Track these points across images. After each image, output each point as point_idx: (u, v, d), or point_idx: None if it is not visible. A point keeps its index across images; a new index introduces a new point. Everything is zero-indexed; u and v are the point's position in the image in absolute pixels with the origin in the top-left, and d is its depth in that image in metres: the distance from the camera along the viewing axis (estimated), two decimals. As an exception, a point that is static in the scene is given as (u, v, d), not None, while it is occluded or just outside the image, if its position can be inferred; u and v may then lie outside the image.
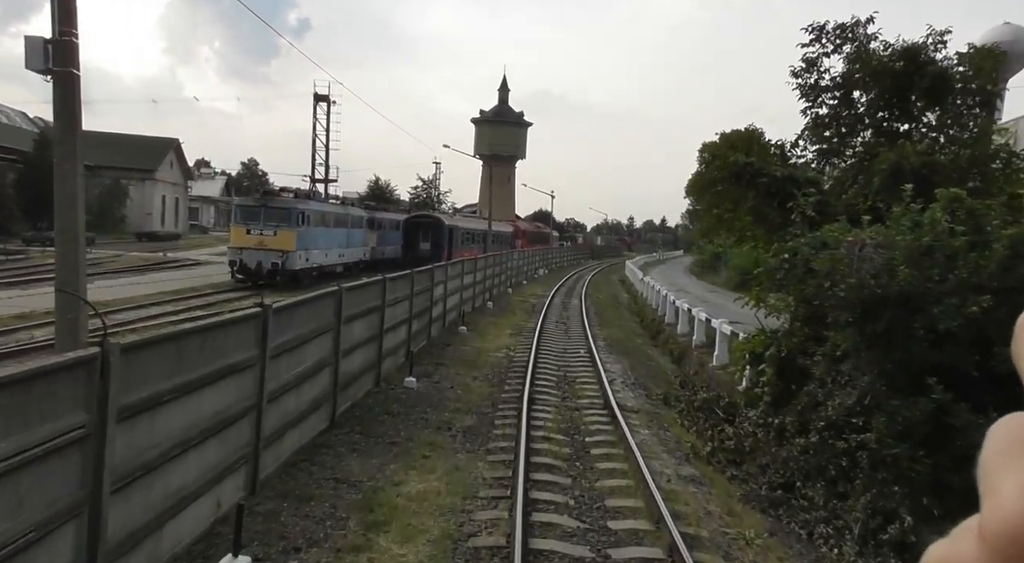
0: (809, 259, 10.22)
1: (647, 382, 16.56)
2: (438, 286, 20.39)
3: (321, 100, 46.33)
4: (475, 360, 17.22)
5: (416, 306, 17.30)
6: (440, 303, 20.99)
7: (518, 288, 38.30)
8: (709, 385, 16.42)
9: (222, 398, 7.41)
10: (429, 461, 9.87)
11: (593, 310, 30.22)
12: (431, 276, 19.11)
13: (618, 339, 22.97)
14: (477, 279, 27.64)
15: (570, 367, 17.35)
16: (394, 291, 14.91)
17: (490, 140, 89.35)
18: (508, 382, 15.14)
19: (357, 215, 39.67)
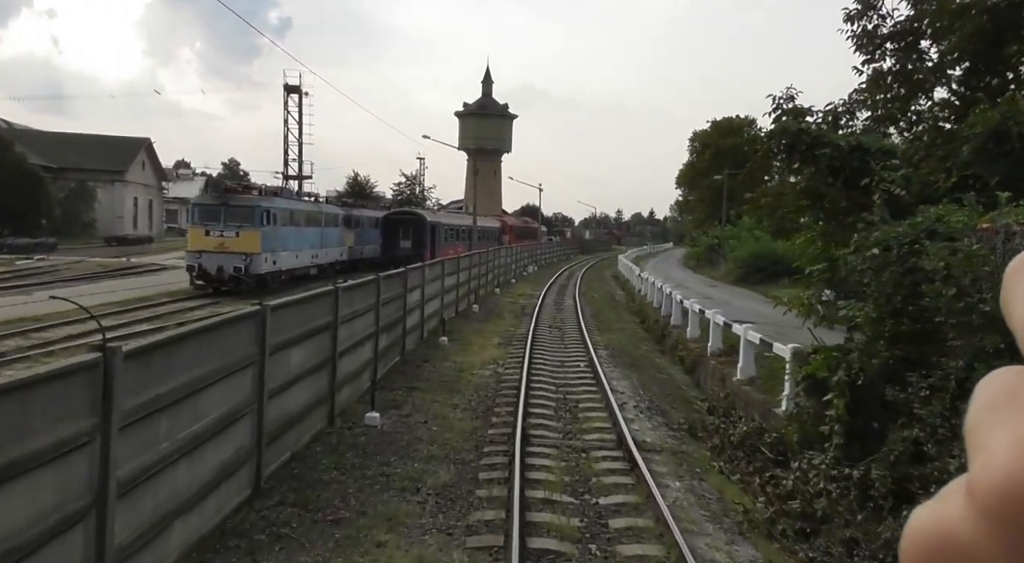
0: (911, 255, 7.30)
1: (663, 403, 13.63)
2: (413, 292, 17.40)
3: (292, 92, 43.12)
4: (456, 381, 14.25)
5: (385, 317, 14.32)
6: (417, 311, 18.01)
7: (507, 288, 35.35)
8: (736, 405, 13.53)
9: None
10: (384, 552, 6.91)
11: (589, 311, 27.30)
12: (404, 281, 16.12)
13: (621, 346, 20.05)
14: (461, 280, 24.67)
15: (570, 386, 14.41)
16: (352, 303, 11.92)
17: (475, 133, 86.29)
18: (496, 411, 12.19)
19: (332, 213, 36.55)
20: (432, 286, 19.99)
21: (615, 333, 22.70)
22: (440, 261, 21.46)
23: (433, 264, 20.33)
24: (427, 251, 37.86)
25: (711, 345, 18.04)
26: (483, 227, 50.72)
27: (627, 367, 16.79)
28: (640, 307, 30.51)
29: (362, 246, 41.03)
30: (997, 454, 0.29)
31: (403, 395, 12.83)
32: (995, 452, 0.29)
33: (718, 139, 70.90)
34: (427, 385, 13.71)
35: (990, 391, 0.33)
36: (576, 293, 33.60)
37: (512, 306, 27.80)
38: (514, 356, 17.16)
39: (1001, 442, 0.29)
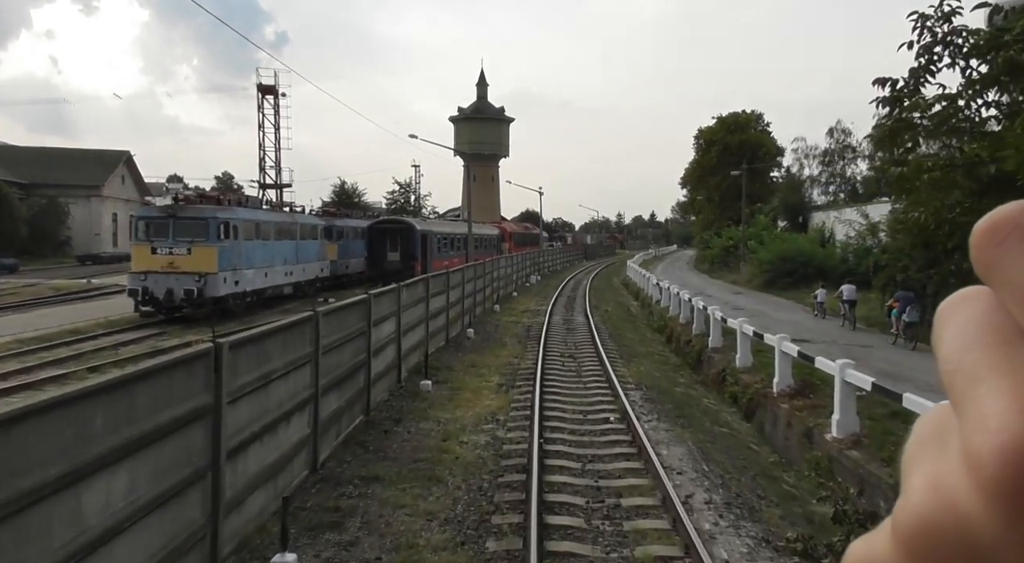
0: None
1: (744, 490, 9.02)
2: (383, 324, 12.88)
3: (267, 93, 38.66)
4: (437, 460, 9.68)
5: (332, 370, 9.82)
6: (391, 347, 13.49)
7: (508, 302, 30.80)
8: (864, 491, 8.98)
9: None
10: None
11: (606, 330, 22.74)
12: (366, 313, 11.59)
13: (654, 381, 15.49)
14: (452, 299, 20.15)
15: (601, 461, 9.84)
16: (261, 362, 7.39)
17: (470, 138, 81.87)
18: (495, 524, 7.66)
19: (309, 223, 32.05)
20: (412, 312, 15.46)
21: (643, 361, 18.14)
22: (423, 280, 16.91)
23: (413, 284, 15.79)
24: (417, 264, 33.38)
25: (778, 382, 13.47)
26: (480, 235, 46.22)
27: (672, 418, 12.20)
28: (662, 321, 25.96)
29: (347, 260, 36.56)
30: (912, 491, 0.30)
31: (353, 497, 8.26)
32: (911, 490, 0.30)
33: (725, 136, 66.30)
34: (393, 472, 9.12)
35: (923, 427, 0.33)
36: (587, 307, 29.05)
37: (514, 327, 23.24)
38: (519, 407, 12.60)
39: (918, 482, 0.30)
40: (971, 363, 0.29)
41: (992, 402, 0.28)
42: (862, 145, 59.73)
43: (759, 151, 67.41)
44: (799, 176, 60.68)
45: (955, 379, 0.30)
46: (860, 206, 35.60)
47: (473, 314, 24.02)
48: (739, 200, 65.16)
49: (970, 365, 0.29)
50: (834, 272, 32.56)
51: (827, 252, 35.62)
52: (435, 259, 35.31)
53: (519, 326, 23.48)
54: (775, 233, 45.68)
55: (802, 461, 10.83)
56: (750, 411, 14.11)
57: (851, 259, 33.68)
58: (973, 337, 0.30)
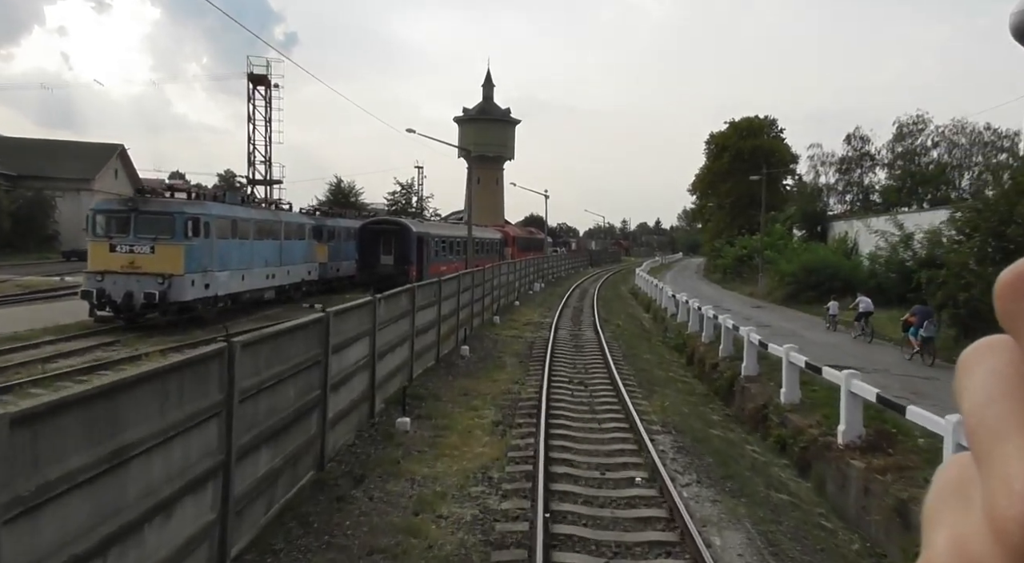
0: None
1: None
2: (350, 348, 10.07)
3: (258, 83, 35.90)
4: (402, 552, 6.85)
5: (260, 421, 7.01)
6: (357, 379, 10.67)
7: (509, 313, 27.97)
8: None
9: None
10: None
11: (619, 349, 19.90)
12: (321, 338, 8.77)
13: (684, 420, 12.62)
14: (445, 312, 17.34)
15: (633, 555, 7.03)
16: (151, 414, 4.57)
17: (475, 140, 79.10)
18: None
19: (296, 222, 29.26)
20: (394, 330, 12.65)
21: (665, 390, 15.30)
22: (408, 291, 14.04)
23: (395, 296, 12.93)
24: (413, 268, 30.56)
25: (845, 431, 10.61)
26: (482, 239, 43.40)
27: (716, 480, 9.33)
28: (680, 339, 23.09)
29: (338, 262, 33.76)
30: (936, 553, 0.29)
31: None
32: (936, 550, 0.29)
33: (738, 141, 63.45)
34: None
35: (943, 479, 0.32)
36: (596, 319, 26.21)
37: (515, 343, 20.40)
38: (518, 459, 9.75)
39: (942, 541, 0.29)
40: (994, 418, 0.28)
41: (1017, 463, 0.26)
42: (881, 153, 56.94)
43: (772, 157, 64.61)
44: (815, 184, 57.75)
45: (978, 434, 0.29)
46: (893, 214, 32.72)
47: (470, 327, 21.20)
48: (751, 208, 62.25)
49: (993, 420, 0.28)
50: (863, 286, 29.75)
51: (853, 264, 32.77)
52: (432, 263, 32.51)
53: (521, 342, 20.65)
54: (796, 243, 42.85)
55: (896, 549, 7.99)
56: (804, 462, 11.26)
57: (881, 271, 30.89)
58: (997, 390, 0.29)
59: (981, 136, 55.43)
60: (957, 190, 54.12)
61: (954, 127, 55.08)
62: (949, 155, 56.00)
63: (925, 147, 56.23)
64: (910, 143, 56.06)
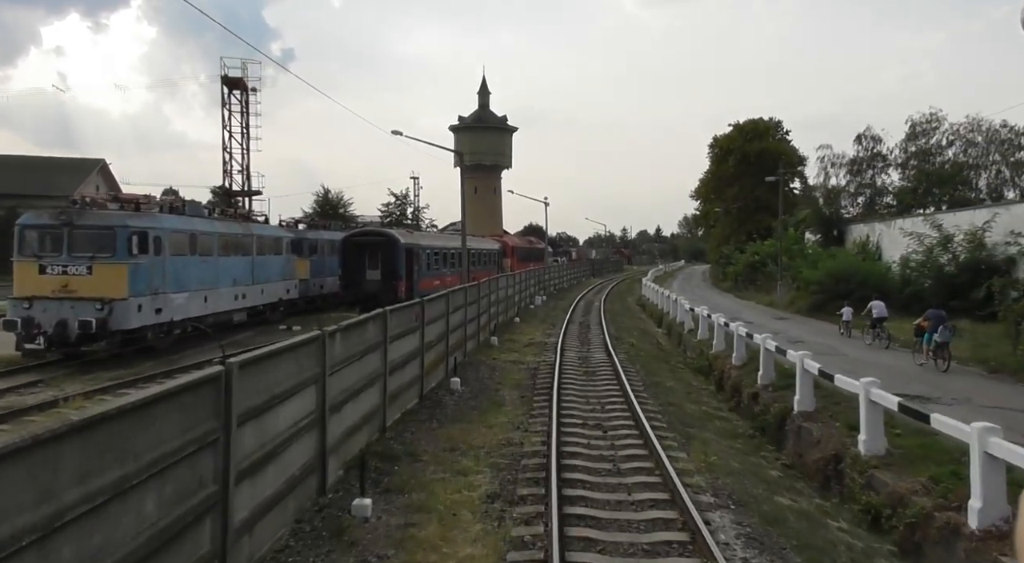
0: None
1: None
2: (277, 409, 6.96)
3: (233, 87, 32.89)
4: None
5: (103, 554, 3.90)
6: (296, 448, 7.55)
7: (508, 332, 24.86)
8: None
9: None
10: None
11: (638, 377, 16.78)
12: (217, 406, 5.69)
13: (739, 483, 9.47)
14: (431, 338, 14.23)
15: None
16: None
17: (471, 148, 76.24)
18: None
19: (271, 236, 26.21)
20: (352, 372, 9.54)
21: (704, 433, 12.17)
22: (379, 317, 10.91)
23: (356, 327, 9.80)
24: (402, 283, 27.52)
25: (980, 508, 7.48)
26: (479, 250, 40.36)
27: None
28: (705, 359, 19.98)
29: (322, 278, 30.71)
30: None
31: None
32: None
33: (743, 144, 60.47)
34: None
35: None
36: (606, 337, 23.11)
37: (516, 371, 17.28)
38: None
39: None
40: None
41: None
42: (894, 153, 53.98)
43: (779, 160, 61.70)
44: (825, 185, 54.73)
45: None
46: (927, 215, 29.68)
47: (462, 352, 18.11)
48: (758, 212, 59.32)
49: None
50: (899, 294, 26.72)
51: (880, 270, 29.72)
52: (423, 278, 29.45)
53: (522, 369, 17.54)
54: (812, 248, 39.84)
55: None
56: (912, 547, 8.14)
57: (914, 277, 27.84)
58: None
59: (998, 134, 52.34)
60: (974, 190, 51.14)
61: (969, 125, 52.07)
62: (965, 154, 53.03)
63: (940, 146, 53.26)
64: (924, 142, 53.10)
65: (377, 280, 27.17)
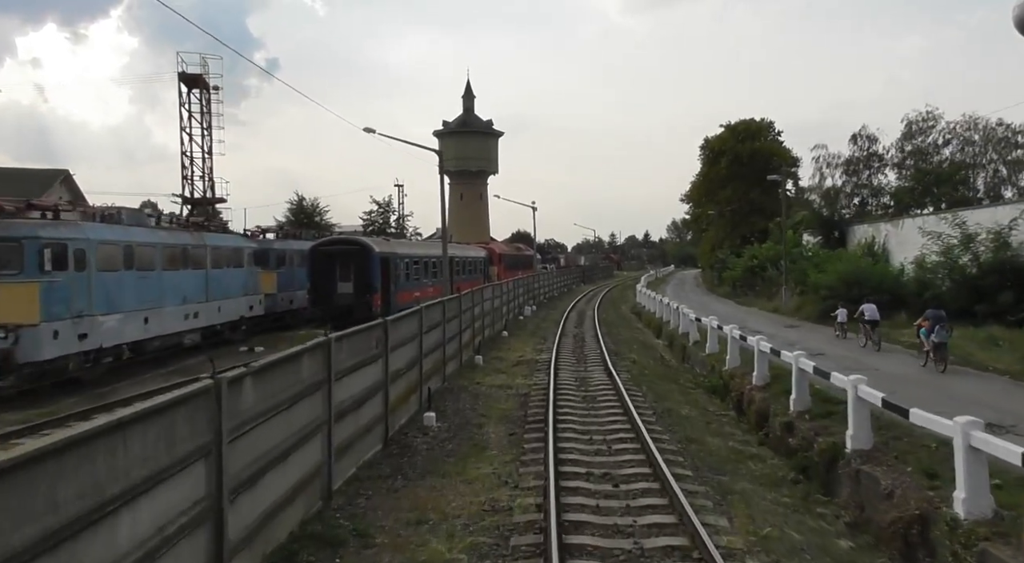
0: None
1: None
2: (122, 510, 4.27)
3: (192, 84, 30.06)
4: None
5: None
6: (167, 557, 4.84)
7: (495, 348, 22.18)
8: None
9: None
10: None
11: (647, 404, 14.13)
12: None
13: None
14: (398, 367, 11.55)
15: None
16: None
17: (456, 153, 73.75)
18: None
19: (229, 246, 23.44)
20: (271, 431, 6.84)
21: (740, 480, 9.56)
22: (316, 351, 8.23)
23: (279, 367, 7.13)
24: (376, 296, 24.80)
25: None
26: (464, 258, 37.69)
27: None
28: (719, 378, 17.40)
29: (291, 292, 27.93)
30: None
31: None
32: None
33: (735, 145, 58.20)
34: None
35: None
36: (604, 352, 20.46)
37: (502, 400, 14.58)
38: None
39: None
40: None
41: None
42: (890, 152, 51.87)
43: (772, 161, 59.51)
44: (821, 186, 52.55)
45: None
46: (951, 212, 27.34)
47: (441, 377, 15.44)
48: (752, 215, 57.05)
49: None
50: (916, 298, 24.34)
51: (892, 273, 27.35)
52: (402, 290, 26.75)
53: (510, 396, 14.86)
54: (813, 249, 37.52)
55: None
56: None
57: (932, 279, 25.44)
58: None
59: (995, 132, 50.34)
60: (971, 190, 49.16)
61: (966, 123, 50.06)
62: (961, 152, 51.03)
63: (936, 145, 51.24)
64: (921, 141, 51.08)
65: (349, 293, 24.44)
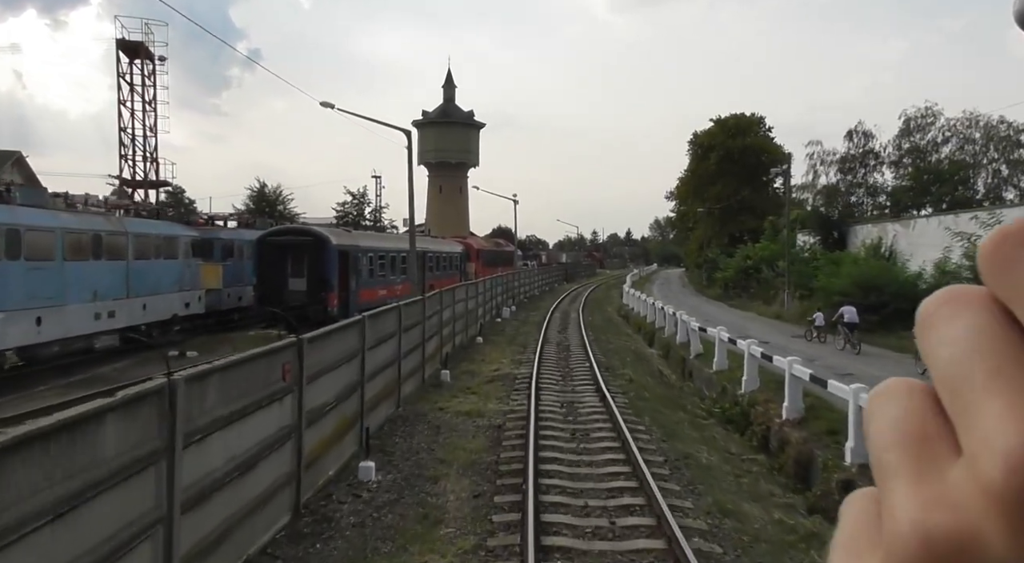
0: None
1: None
2: None
3: (133, 54, 26.30)
4: None
5: None
6: None
7: (466, 359, 18.84)
8: None
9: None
10: None
11: (657, 449, 10.89)
12: None
13: None
14: (324, 400, 8.28)
15: None
16: None
17: (436, 145, 70.26)
18: None
19: (159, 234, 19.91)
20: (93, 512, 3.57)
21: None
22: (149, 401, 5.03)
23: (60, 436, 3.95)
24: (333, 295, 21.38)
25: None
26: (438, 253, 34.31)
27: None
28: (733, 403, 14.28)
29: (240, 288, 24.44)
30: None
31: None
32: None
33: (725, 140, 55.29)
34: None
35: (846, 523, 0.29)
36: (595, 367, 17.23)
37: (469, 436, 11.23)
38: None
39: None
40: (982, 373, 0.25)
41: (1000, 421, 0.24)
42: (887, 150, 49.20)
43: (763, 157, 56.74)
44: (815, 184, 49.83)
45: (959, 389, 0.26)
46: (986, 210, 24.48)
47: (394, 402, 12.14)
48: (742, 213, 54.25)
49: (981, 375, 0.25)
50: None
51: (910, 277, 24.51)
52: (364, 287, 23.35)
53: (480, 429, 11.57)
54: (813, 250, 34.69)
55: None
56: None
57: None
58: (985, 345, 0.26)
59: (997, 130, 47.73)
60: (971, 190, 46.59)
61: (966, 120, 47.45)
62: (961, 151, 48.46)
63: (935, 143, 48.64)
64: (919, 138, 48.47)
65: (302, 291, 21.00)
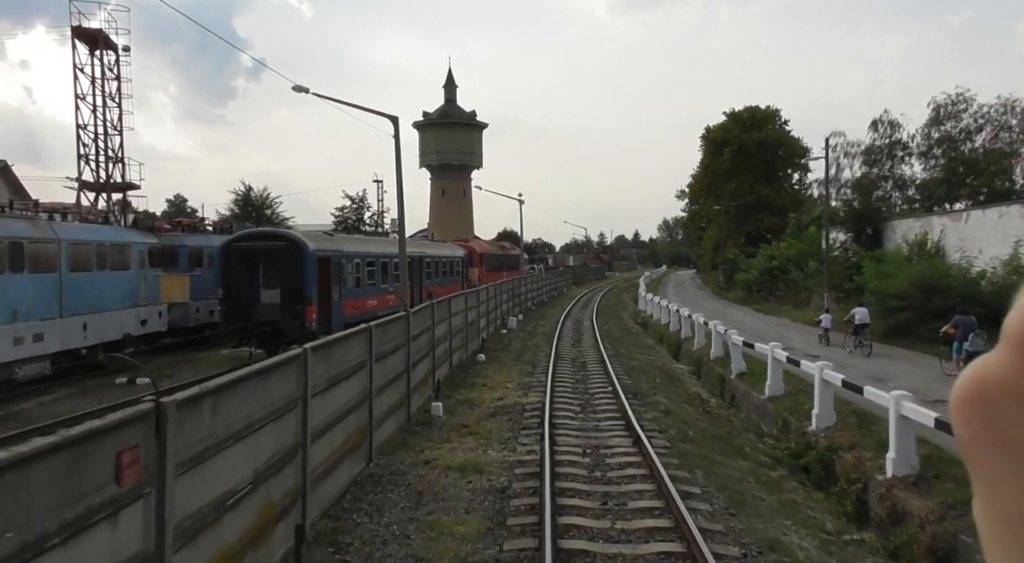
0: None
1: None
2: None
3: (93, 44, 23.40)
4: None
5: None
6: None
7: (464, 384, 15.66)
8: None
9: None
10: None
11: (721, 524, 7.76)
12: None
13: None
14: (237, 483, 5.24)
15: None
16: None
17: (437, 147, 67.24)
18: None
19: (103, 241, 16.89)
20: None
21: None
22: None
23: None
24: (312, 309, 18.28)
25: None
26: (438, 258, 31.21)
27: None
28: (812, 450, 11.12)
29: (212, 301, 21.39)
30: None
31: None
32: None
33: (740, 134, 51.94)
34: None
35: None
36: (620, 394, 14.02)
37: (460, 516, 8.08)
38: None
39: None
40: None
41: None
42: (916, 140, 45.79)
43: (780, 152, 53.42)
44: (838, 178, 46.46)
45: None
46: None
47: (366, 454, 9.05)
48: (758, 211, 50.98)
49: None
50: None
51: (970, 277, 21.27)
52: (350, 299, 20.28)
53: (476, 496, 8.42)
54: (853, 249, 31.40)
55: None
56: None
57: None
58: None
59: (1034, 116, 44.17)
60: (1010, 179, 43.04)
61: (1002, 106, 43.96)
62: (995, 139, 44.94)
63: (968, 131, 45.18)
64: (951, 127, 45.04)
65: (275, 304, 17.94)
